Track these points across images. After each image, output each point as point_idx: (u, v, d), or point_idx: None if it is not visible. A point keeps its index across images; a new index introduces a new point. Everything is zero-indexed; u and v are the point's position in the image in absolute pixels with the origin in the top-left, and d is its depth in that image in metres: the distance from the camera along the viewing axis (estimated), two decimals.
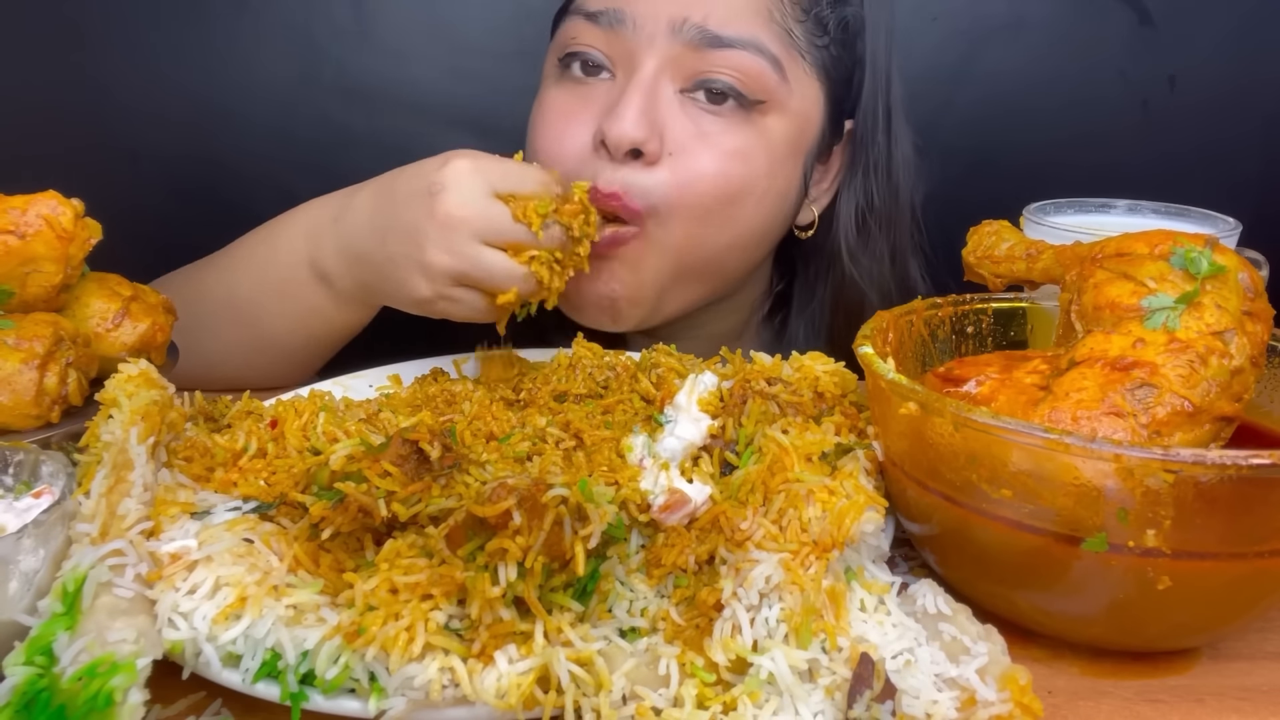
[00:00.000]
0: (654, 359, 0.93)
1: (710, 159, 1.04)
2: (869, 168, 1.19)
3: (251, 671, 0.57)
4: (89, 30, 1.66)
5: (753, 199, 1.08)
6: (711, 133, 1.05)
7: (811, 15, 1.09)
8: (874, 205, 1.20)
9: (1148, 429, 0.65)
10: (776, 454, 0.71)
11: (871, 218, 1.21)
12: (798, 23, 1.08)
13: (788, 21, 1.07)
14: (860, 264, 1.21)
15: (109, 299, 0.90)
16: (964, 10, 1.76)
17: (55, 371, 0.80)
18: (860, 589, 0.65)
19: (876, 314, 0.82)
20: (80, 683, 0.51)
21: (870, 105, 1.17)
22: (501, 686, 0.55)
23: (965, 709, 0.56)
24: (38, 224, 0.83)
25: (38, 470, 0.69)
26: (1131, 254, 0.73)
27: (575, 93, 1.09)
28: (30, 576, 0.59)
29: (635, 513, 0.68)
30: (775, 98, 1.06)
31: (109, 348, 0.89)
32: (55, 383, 0.80)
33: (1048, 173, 1.75)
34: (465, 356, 1.07)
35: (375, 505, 0.61)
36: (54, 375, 0.80)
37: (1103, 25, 1.77)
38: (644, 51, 1.04)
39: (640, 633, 0.62)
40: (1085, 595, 0.63)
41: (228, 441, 0.76)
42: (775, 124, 1.08)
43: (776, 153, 1.09)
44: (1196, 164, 1.79)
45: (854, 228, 1.21)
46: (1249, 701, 0.63)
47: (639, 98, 1.02)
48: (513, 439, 0.79)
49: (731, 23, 1.03)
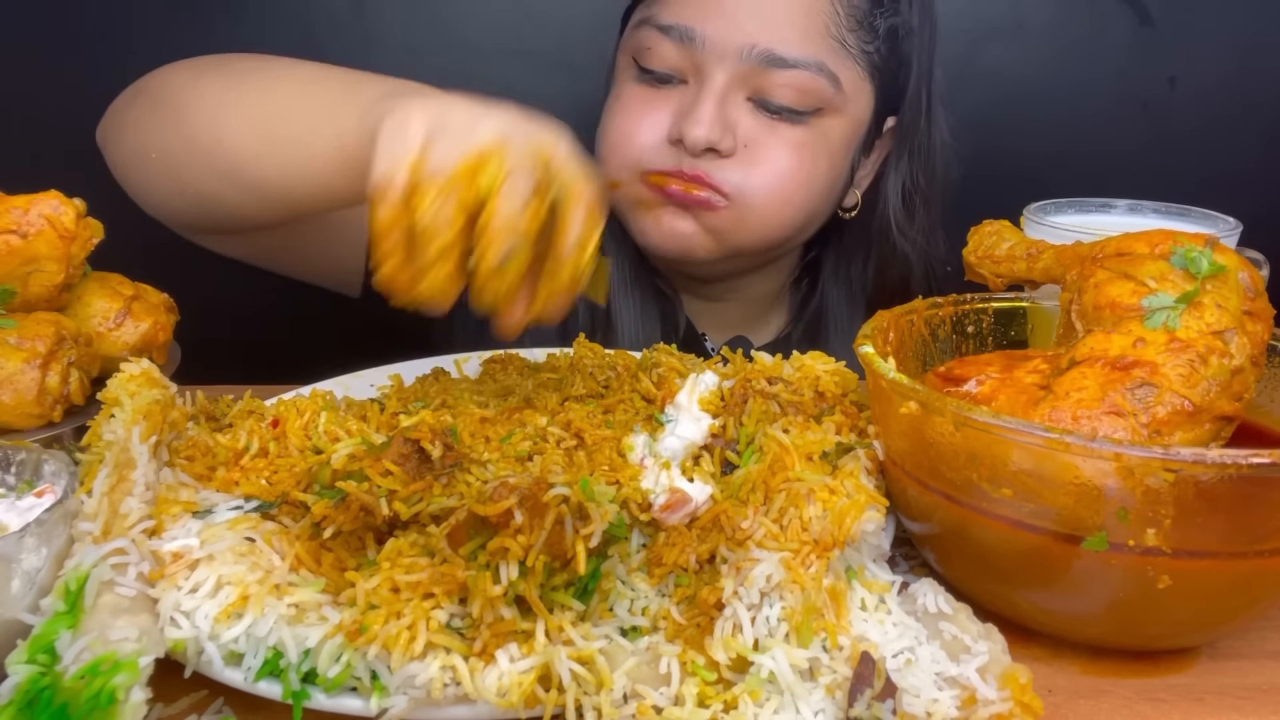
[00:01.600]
0: (654, 358, 0.93)
1: (779, 152, 1.17)
2: (914, 152, 1.31)
3: (253, 670, 0.57)
4: (89, 30, 1.66)
5: (814, 188, 1.22)
6: (778, 129, 1.17)
7: (865, 24, 1.19)
8: (919, 185, 1.33)
9: (1148, 428, 0.65)
10: (777, 453, 0.72)
11: (916, 197, 1.33)
12: (851, 32, 1.18)
13: (843, 33, 1.18)
14: (908, 238, 1.33)
15: (111, 298, 0.90)
16: (964, 10, 1.76)
17: (57, 371, 0.80)
18: (861, 588, 0.65)
19: (877, 314, 0.82)
20: (82, 681, 0.51)
21: (914, 98, 1.28)
22: (503, 685, 0.56)
23: (966, 707, 0.56)
24: (40, 223, 0.83)
25: (40, 469, 0.69)
26: (1132, 254, 0.73)
27: (651, 94, 1.20)
28: (32, 575, 0.60)
29: (636, 512, 0.68)
30: (832, 105, 1.18)
31: (111, 347, 0.89)
32: (57, 382, 0.80)
33: (1048, 173, 1.75)
34: (466, 356, 1.07)
35: (377, 504, 0.61)
36: (56, 375, 0.80)
37: (1103, 25, 1.77)
38: (714, 66, 1.15)
39: (641, 631, 0.62)
40: (1085, 594, 0.63)
41: (229, 440, 0.76)
42: (832, 124, 1.20)
43: (833, 147, 1.22)
44: (1196, 164, 1.79)
45: (901, 206, 1.32)
46: (1249, 700, 0.64)
47: (712, 105, 1.14)
48: (514, 438, 0.79)
49: (794, 45, 1.14)
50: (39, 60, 1.66)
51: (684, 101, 1.17)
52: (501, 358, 1.04)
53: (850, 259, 1.37)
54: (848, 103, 1.20)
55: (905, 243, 1.33)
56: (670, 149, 1.17)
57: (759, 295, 1.41)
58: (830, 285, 1.39)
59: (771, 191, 1.18)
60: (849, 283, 1.38)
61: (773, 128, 1.17)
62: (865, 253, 1.36)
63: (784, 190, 1.18)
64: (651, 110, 1.19)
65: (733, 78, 1.15)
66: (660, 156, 1.17)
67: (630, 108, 1.22)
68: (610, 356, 0.98)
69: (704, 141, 1.13)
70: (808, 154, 1.18)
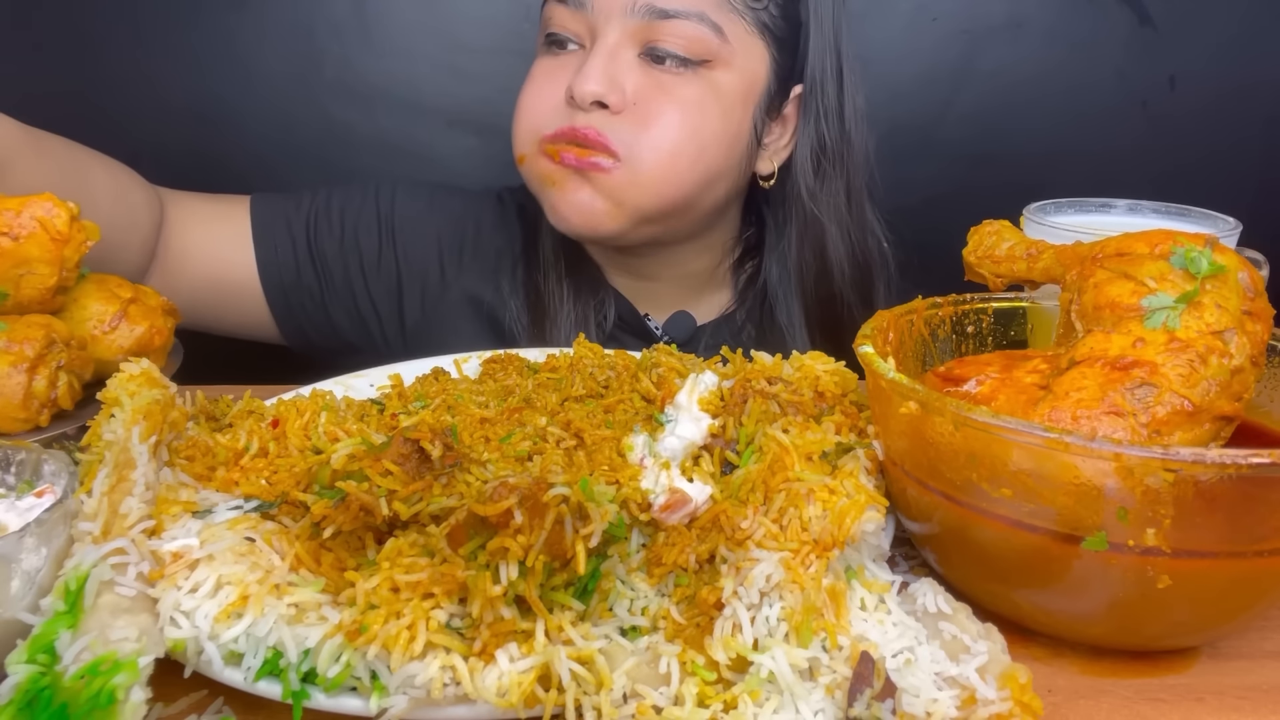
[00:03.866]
0: (654, 359, 0.93)
1: (668, 106, 1.21)
2: (821, 115, 1.34)
3: (253, 670, 0.57)
4: (89, 30, 1.66)
5: (704, 142, 1.24)
6: (667, 84, 1.21)
7: None
8: (826, 148, 1.35)
9: (1148, 428, 0.65)
10: (777, 453, 0.72)
11: (826, 160, 1.35)
12: None
13: None
14: (820, 201, 1.35)
15: (107, 301, 0.89)
16: (964, 10, 1.76)
17: (45, 375, 0.79)
18: (861, 588, 0.65)
19: (877, 314, 0.82)
20: (82, 681, 0.51)
21: (819, 59, 1.32)
22: (502, 685, 0.56)
23: (965, 707, 0.56)
24: (31, 226, 0.83)
25: (40, 469, 0.69)
26: (1132, 254, 0.73)
27: (554, 63, 1.26)
28: (32, 575, 0.60)
29: (636, 512, 0.68)
30: (719, 56, 1.22)
31: (105, 350, 0.88)
32: (44, 386, 0.79)
33: (1048, 173, 1.75)
34: (466, 356, 1.07)
35: (377, 504, 0.61)
36: (43, 379, 0.79)
37: (1102, 25, 1.77)
38: (604, 26, 1.21)
39: (641, 631, 0.62)
40: (1085, 594, 0.63)
41: (229, 441, 0.76)
42: (723, 77, 1.23)
43: (725, 101, 1.24)
44: (1196, 164, 1.79)
45: (810, 169, 1.35)
46: (1249, 700, 0.64)
47: (600, 60, 1.19)
48: (513, 438, 0.79)
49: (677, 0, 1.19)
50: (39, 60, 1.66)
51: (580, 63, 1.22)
52: (501, 358, 1.04)
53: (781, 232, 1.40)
54: (735, 55, 1.23)
55: (816, 207, 1.35)
56: (566, 110, 1.21)
57: (694, 272, 1.42)
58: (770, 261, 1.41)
59: (661, 147, 1.20)
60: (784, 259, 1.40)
61: (662, 84, 1.21)
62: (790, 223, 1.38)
63: (674, 145, 1.21)
64: (552, 77, 1.24)
65: (621, 35, 1.20)
66: (556, 118, 1.21)
67: (535, 78, 1.27)
68: (610, 357, 0.98)
69: (591, 95, 1.17)
70: (695, 109, 1.22)
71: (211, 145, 1.69)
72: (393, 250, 1.39)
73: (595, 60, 1.19)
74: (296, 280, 1.35)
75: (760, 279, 1.42)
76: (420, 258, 1.40)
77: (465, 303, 1.39)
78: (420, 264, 1.40)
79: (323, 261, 1.36)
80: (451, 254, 1.41)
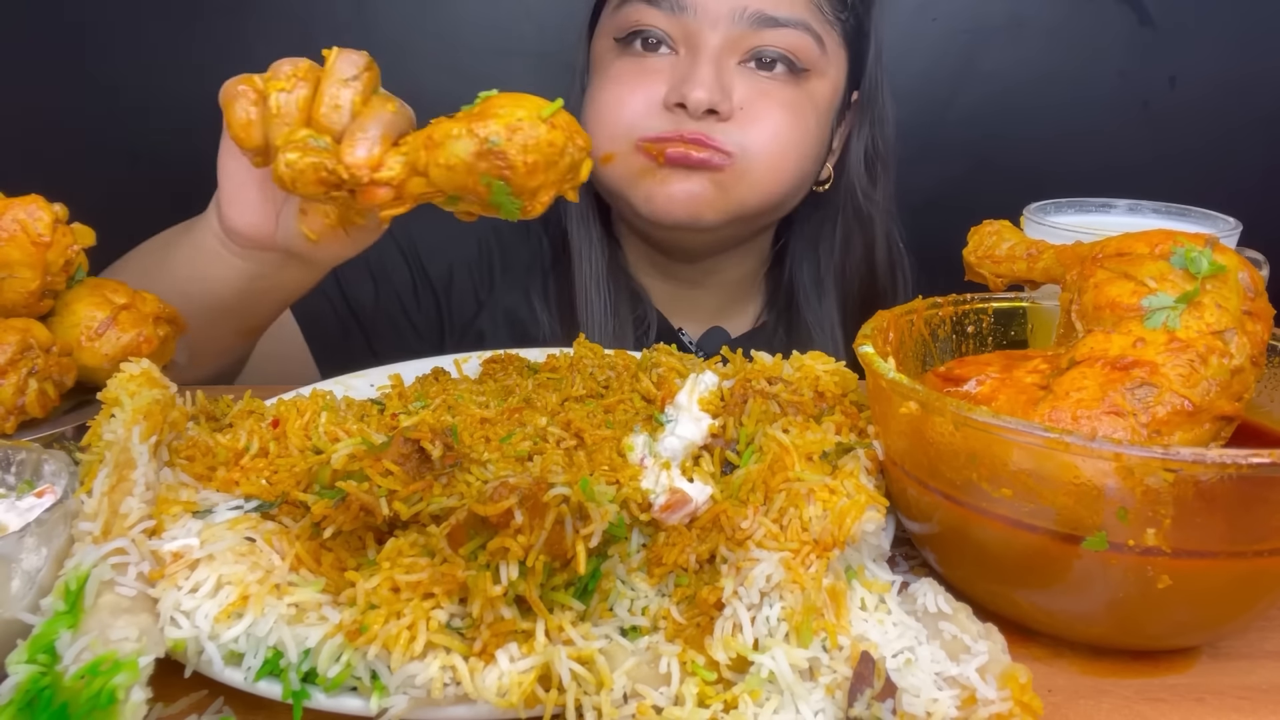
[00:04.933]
0: (654, 359, 0.93)
1: (774, 111, 1.22)
2: (874, 119, 1.38)
3: (253, 670, 0.57)
4: (89, 30, 1.66)
5: (806, 147, 1.27)
6: (770, 90, 1.22)
7: None
8: (879, 150, 1.39)
9: (1148, 428, 0.65)
10: (777, 453, 0.72)
11: (878, 161, 1.40)
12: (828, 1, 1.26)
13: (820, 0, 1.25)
14: (872, 200, 1.39)
15: (98, 306, 0.87)
16: (964, 10, 1.76)
17: (13, 381, 0.78)
18: (861, 588, 0.65)
19: (877, 314, 0.82)
20: (82, 681, 0.51)
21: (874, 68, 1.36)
22: (503, 685, 0.56)
23: (965, 707, 0.56)
24: (12, 228, 0.81)
25: (40, 469, 0.69)
26: (1132, 254, 0.73)
27: (637, 64, 1.24)
28: (33, 575, 0.60)
29: (636, 512, 0.68)
30: (818, 67, 1.25)
31: (90, 357, 0.86)
32: (11, 393, 0.77)
33: (1048, 173, 1.75)
34: (465, 356, 1.07)
35: (377, 504, 0.61)
36: (11, 385, 0.78)
37: (1103, 25, 1.77)
38: (708, 31, 1.20)
39: (641, 631, 0.62)
40: (1085, 594, 0.63)
41: (229, 441, 0.76)
42: (818, 87, 1.27)
43: (819, 112, 1.28)
44: (1196, 164, 1.79)
45: (864, 172, 1.39)
46: (1249, 700, 0.64)
47: (710, 68, 1.18)
48: (514, 438, 0.79)
49: (782, 5, 1.21)
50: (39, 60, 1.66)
51: (677, 69, 1.20)
52: (501, 358, 1.04)
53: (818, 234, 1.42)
54: (829, 66, 1.27)
55: (869, 205, 1.39)
56: (666, 114, 1.20)
57: (736, 279, 1.44)
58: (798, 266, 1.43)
59: (770, 148, 1.21)
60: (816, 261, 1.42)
61: (765, 90, 1.21)
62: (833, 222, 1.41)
63: (781, 147, 1.23)
64: (643, 79, 1.22)
65: (725, 42, 1.20)
66: (657, 122, 1.20)
67: (621, 78, 1.24)
68: (610, 357, 0.98)
69: (705, 103, 1.16)
70: (798, 114, 1.24)
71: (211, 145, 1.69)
72: (426, 280, 1.37)
73: (704, 68, 1.18)
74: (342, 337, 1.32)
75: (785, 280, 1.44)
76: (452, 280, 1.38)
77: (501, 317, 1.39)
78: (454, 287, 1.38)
79: (362, 312, 1.33)
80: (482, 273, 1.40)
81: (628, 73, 1.24)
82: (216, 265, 1.02)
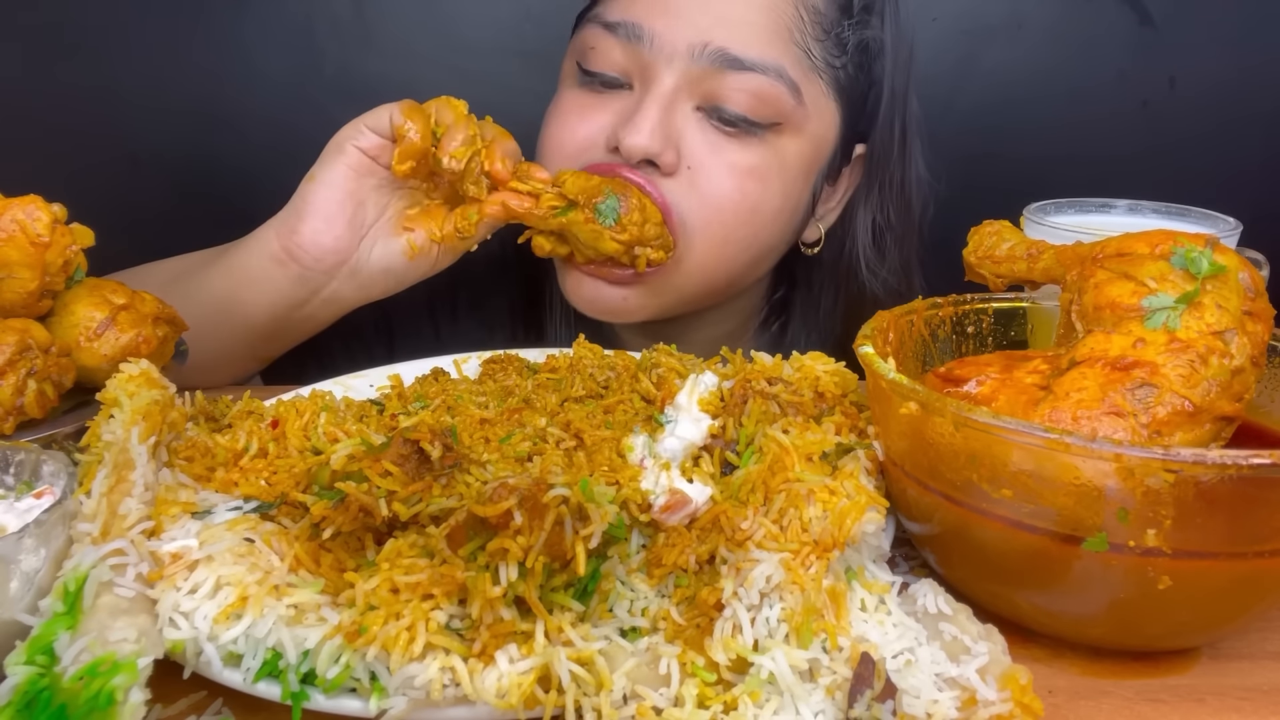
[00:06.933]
0: (654, 359, 0.93)
1: (726, 176, 1.05)
2: (885, 185, 1.20)
3: (252, 671, 0.57)
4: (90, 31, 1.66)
5: (767, 218, 1.09)
6: (726, 149, 1.05)
7: (832, 35, 1.07)
8: (890, 222, 1.21)
9: (1148, 429, 0.65)
10: (777, 454, 0.71)
11: (888, 234, 1.22)
12: (817, 41, 1.06)
13: (807, 41, 1.06)
14: (878, 278, 1.22)
15: (98, 307, 0.87)
16: (964, 10, 1.76)
17: (12, 382, 0.78)
18: (861, 589, 0.65)
19: (877, 314, 0.82)
20: (81, 682, 0.51)
21: (886, 126, 1.17)
22: (502, 686, 0.55)
23: (966, 708, 0.56)
24: (11, 229, 0.81)
25: (39, 470, 0.69)
26: (1132, 254, 0.73)
27: (591, 99, 1.10)
28: (31, 576, 0.59)
29: (636, 513, 0.68)
30: (791, 120, 1.06)
31: (89, 357, 0.86)
32: (10, 393, 0.77)
33: (1048, 173, 1.75)
34: (465, 356, 1.07)
35: (376, 505, 0.61)
36: (9, 386, 0.77)
37: (1103, 25, 1.77)
38: (662, 68, 1.04)
39: (641, 632, 0.62)
40: (1085, 595, 0.63)
41: (229, 441, 0.76)
42: (790, 144, 1.07)
43: (790, 172, 1.09)
44: (1196, 164, 1.79)
45: (870, 243, 1.21)
46: (1249, 701, 0.64)
47: (655, 111, 1.02)
48: (513, 439, 0.79)
49: (753, 46, 1.02)
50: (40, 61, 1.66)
51: (627, 106, 1.05)
52: (501, 358, 1.04)
53: (818, 301, 1.27)
54: (808, 119, 1.07)
55: (876, 283, 1.22)
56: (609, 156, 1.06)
57: (718, 336, 1.26)
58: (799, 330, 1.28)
59: (714, 221, 1.05)
60: (819, 327, 1.27)
61: (720, 148, 1.04)
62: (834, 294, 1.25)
63: (724, 224, 1.06)
64: (590, 115, 1.08)
65: (681, 81, 1.03)
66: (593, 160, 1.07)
67: (568, 112, 1.11)
68: (610, 357, 0.98)
69: (641, 151, 1.02)
70: (756, 181, 1.06)
71: (212, 146, 1.69)
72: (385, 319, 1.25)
73: (649, 110, 1.02)
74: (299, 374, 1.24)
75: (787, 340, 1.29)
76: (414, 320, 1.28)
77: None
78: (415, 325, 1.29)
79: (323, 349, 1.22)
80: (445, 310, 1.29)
81: (576, 107, 1.11)
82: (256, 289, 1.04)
